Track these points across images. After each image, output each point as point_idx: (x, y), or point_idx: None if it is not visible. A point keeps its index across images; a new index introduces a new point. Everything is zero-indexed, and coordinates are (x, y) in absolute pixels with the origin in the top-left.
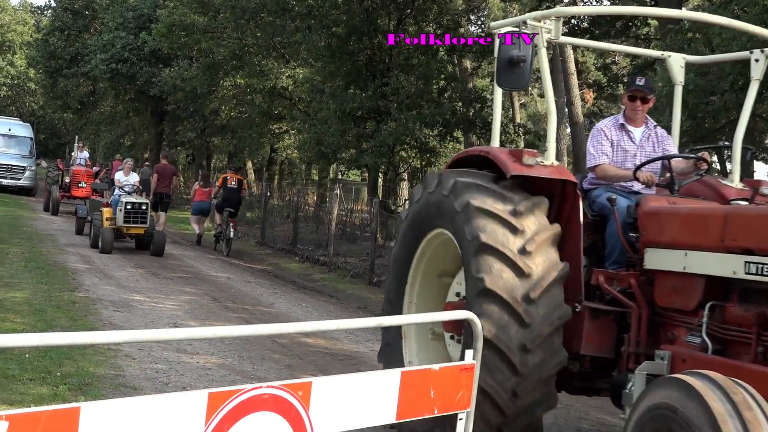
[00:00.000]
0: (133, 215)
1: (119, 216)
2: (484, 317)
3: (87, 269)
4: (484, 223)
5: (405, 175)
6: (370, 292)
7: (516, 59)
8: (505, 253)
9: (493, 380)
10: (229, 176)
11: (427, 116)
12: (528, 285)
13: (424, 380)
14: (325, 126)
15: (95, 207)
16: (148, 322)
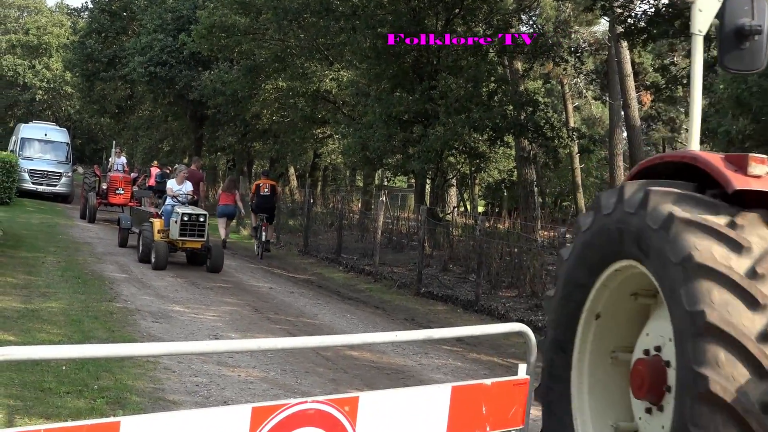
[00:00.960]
0: (190, 228)
1: (174, 228)
2: (706, 365)
3: (125, 279)
4: (695, 239)
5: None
6: (418, 303)
7: (748, 30)
8: (730, 276)
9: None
10: (261, 183)
11: (476, 120)
12: (765, 320)
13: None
14: (371, 130)
15: (141, 217)
16: (188, 333)
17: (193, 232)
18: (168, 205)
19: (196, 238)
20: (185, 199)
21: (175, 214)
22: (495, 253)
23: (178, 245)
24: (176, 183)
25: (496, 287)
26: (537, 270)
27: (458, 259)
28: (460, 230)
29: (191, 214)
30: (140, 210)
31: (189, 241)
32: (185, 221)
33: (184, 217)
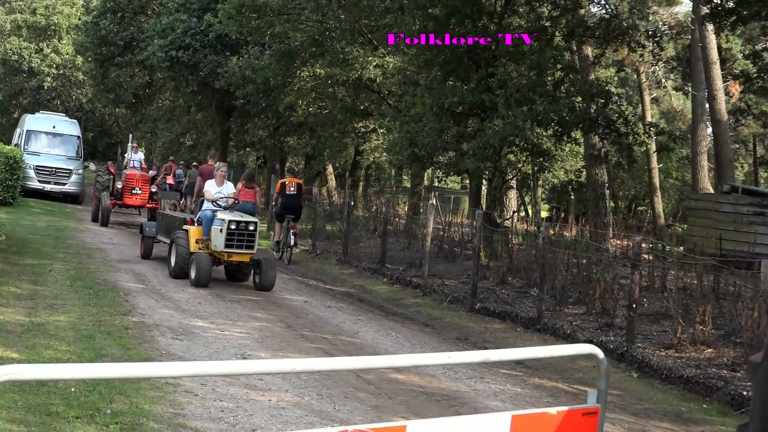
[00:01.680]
0: (238, 238)
1: (218, 238)
2: None
3: (141, 290)
4: None
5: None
6: (472, 320)
7: None
8: None
9: None
10: (288, 181)
11: (540, 113)
12: None
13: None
14: (420, 124)
15: (170, 224)
16: (212, 352)
17: (242, 243)
18: (207, 210)
19: (244, 250)
20: (227, 203)
21: (219, 221)
22: (560, 265)
23: (223, 258)
24: (215, 184)
25: (562, 303)
26: (608, 284)
27: (518, 271)
28: (521, 238)
29: (240, 221)
30: (168, 215)
31: (236, 254)
32: (232, 230)
33: (231, 225)
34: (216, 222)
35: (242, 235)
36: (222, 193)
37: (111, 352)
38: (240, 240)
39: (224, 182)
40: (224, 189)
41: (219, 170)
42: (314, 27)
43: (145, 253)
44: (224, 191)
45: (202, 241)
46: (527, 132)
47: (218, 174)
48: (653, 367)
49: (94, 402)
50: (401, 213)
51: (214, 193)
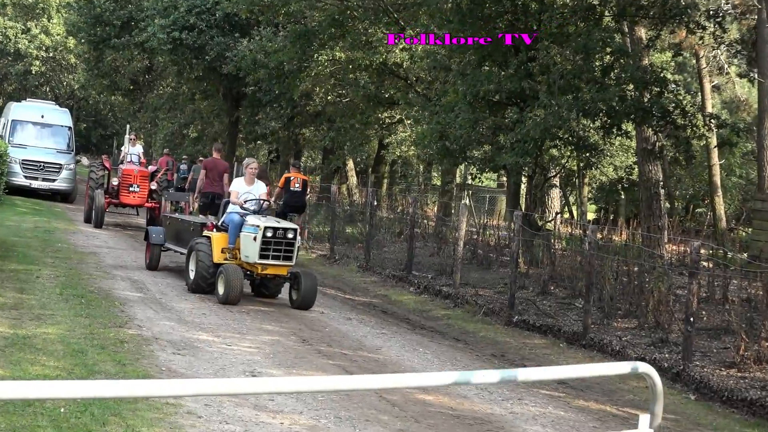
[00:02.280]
0: (275, 247)
1: (250, 247)
2: None
3: (139, 299)
4: None
5: (556, 181)
6: (509, 334)
7: None
8: None
9: None
10: (293, 176)
11: (586, 102)
12: None
13: None
14: (452, 114)
15: (182, 229)
16: (218, 369)
17: (279, 254)
18: (232, 213)
19: (282, 261)
20: (258, 206)
21: (252, 228)
22: (609, 273)
23: (256, 271)
24: (244, 183)
25: (610, 316)
26: (663, 295)
27: (561, 280)
28: (565, 243)
29: (277, 228)
30: (178, 219)
31: (272, 266)
32: (268, 238)
33: (267, 232)
34: (247, 228)
35: (280, 244)
36: (252, 193)
37: (105, 369)
38: (277, 250)
39: (254, 181)
40: (254, 189)
41: (248, 167)
42: (334, 5)
43: (152, 264)
44: (255, 191)
45: (228, 250)
46: (572, 123)
47: (247, 171)
48: (713, 388)
49: (86, 424)
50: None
51: (242, 193)
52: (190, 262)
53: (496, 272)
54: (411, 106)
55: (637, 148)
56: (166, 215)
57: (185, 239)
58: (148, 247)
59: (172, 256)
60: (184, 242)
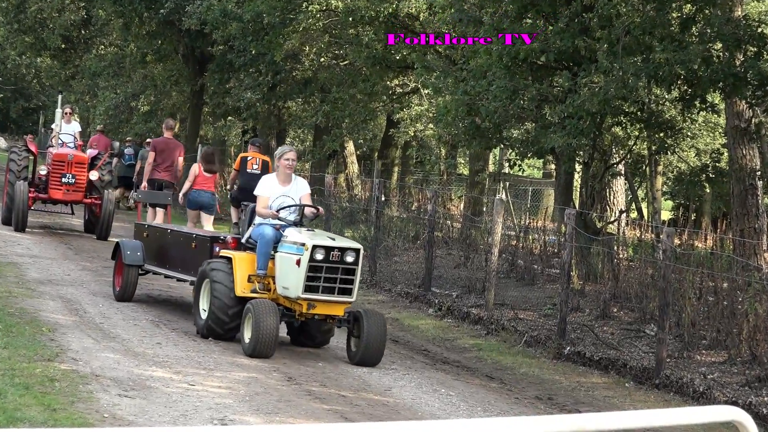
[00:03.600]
0: (327, 275)
1: (291, 275)
2: None
3: (74, 324)
4: None
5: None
6: (558, 371)
7: None
8: None
9: None
10: (250, 156)
11: (660, 66)
12: None
13: None
14: (483, 82)
15: (174, 243)
16: (178, 415)
17: (332, 285)
18: (263, 224)
19: (337, 296)
20: (296, 214)
21: (293, 247)
22: (690, 290)
23: (300, 309)
24: (277, 182)
25: (692, 347)
26: (761, 320)
27: (627, 300)
28: (631, 251)
29: (331, 247)
30: (169, 230)
31: (323, 303)
32: (318, 261)
33: (316, 254)
34: (286, 247)
35: (334, 271)
36: (290, 197)
37: (29, 415)
38: (331, 279)
39: (291, 179)
40: (292, 190)
41: (282, 158)
42: None
43: (125, 293)
44: (293, 194)
45: (257, 278)
46: (641, 93)
47: (282, 165)
48: None
49: None
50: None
51: (276, 197)
52: (201, 296)
53: (542, 289)
54: (429, 71)
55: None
56: (144, 223)
57: (178, 258)
58: (119, 269)
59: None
60: (176, 262)
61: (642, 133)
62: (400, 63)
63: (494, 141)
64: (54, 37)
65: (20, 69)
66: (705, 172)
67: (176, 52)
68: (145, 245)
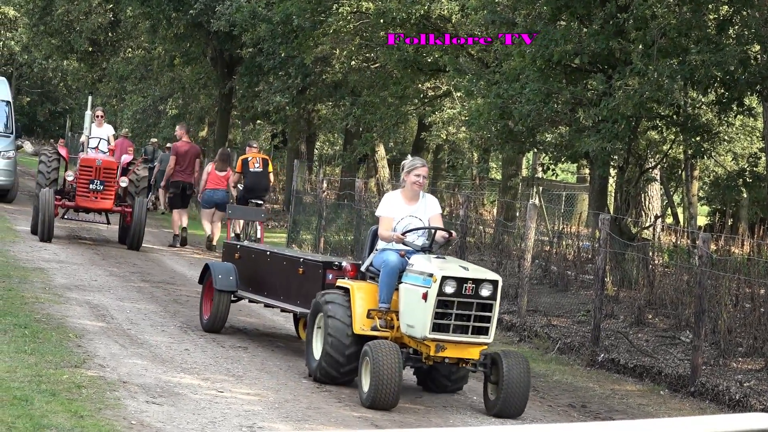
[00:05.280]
0: (459, 311)
1: (418, 312)
2: None
3: (102, 330)
4: None
5: (656, 174)
6: (592, 378)
7: None
8: None
9: None
10: (251, 157)
11: (696, 68)
12: None
13: None
14: (516, 85)
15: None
16: (206, 423)
17: (465, 324)
18: (386, 250)
19: (470, 336)
20: (427, 240)
21: (418, 278)
22: (726, 297)
23: (427, 352)
24: (402, 200)
25: (728, 354)
26: None
27: (663, 306)
28: (667, 257)
29: (464, 279)
30: (268, 252)
31: (454, 344)
32: (448, 295)
33: (446, 286)
34: (411, 278)
35: (468, 307)
36: (418, 218)
37: (56, 422)
38: (463, 317)
39: (419, 197)
40: (420, 210)
41: (412, 173)
42: None
43: (214, 322)
44: (421, 215)
45: (379, 314)
46: (677, 96)
47: (409, 181)
48: None
49: None
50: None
51: (401, 219)
52: (315, 334)
53: (576, 296)
54: (462, 74)
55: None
56: (236, 243)
57: (280, 285)
58: (208, 295)
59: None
60: (277, 290)
61: (678, 136)
62: (431, 66)
63: (527, 145)
64: (81, 40)
65: (46, 72)
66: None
67: (204, 54)
68: (238, 268)
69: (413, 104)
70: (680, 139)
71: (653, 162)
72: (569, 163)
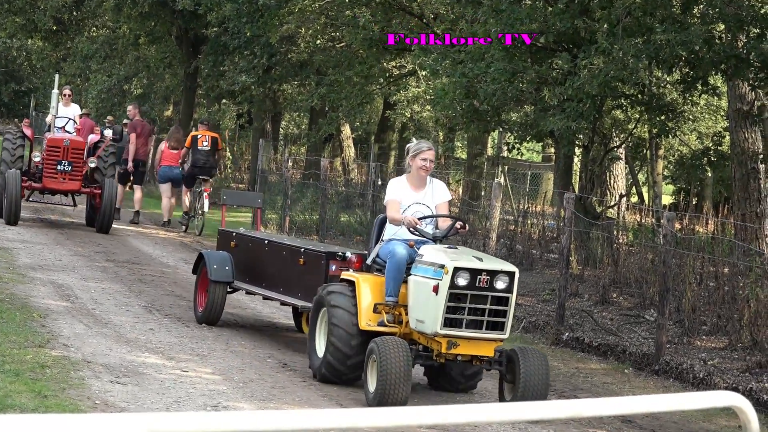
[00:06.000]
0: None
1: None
2: None
3: (66, 309)
4: None
5: (621, 153)
6: (557, 356)
7: None
8: None
9: None
10: (200, 134)
11: (661, 47)
12: None
13: None
14: (482, 64)
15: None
16: (171, 402)
17: (479, 319)
18: (393, 241)
19: (485, 332)
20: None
21: (429, 270)
22: (690, 275)
23: (438, 349)
24: (408, 186)
25: (692, 333)
26: (763, 305)
27: (627, 285)
28: (631, 235)
29: (478, 270)
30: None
31: (467, 340)
32: (460, 288)
33: (458, 278)
34: (421, 269)
35: (482, 300)
36: (426, 205)
37: (20, 402)
38: (477, 311)
39: (426, 182)
40: (427, 197)
41: (418, 157)
42: None
43: (210, 314)
44: (428, 202)
45: (386, 308)
46: (642, 75)
47: (414, 165)
48: None
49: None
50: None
51: (408, 205)
52: (318, 329)
53: (540, 275)
54: (427, 53)
55: (729, 110)
56: (231, 231)
57: (279, 276)
58: (203, 285)
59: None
60: (276, 281)
61: (642, 116)
62: (397, 45)
63: (492, 124)
64: (45, 19)
65: (11, 51)
66: (706, 156)
67: (169, 34)
68: (234, 258)
69: (378, 83)
70: (645, 118)
71: (618, 141)
72: (534, 142)
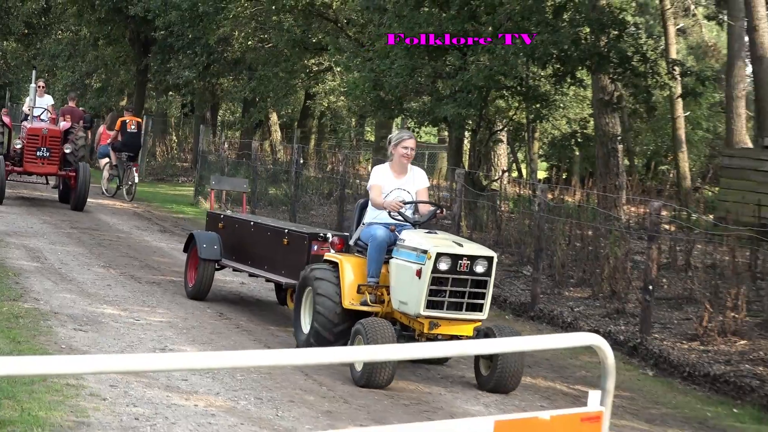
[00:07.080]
0: (453, 288)
1: (412, 289)
2: None
3: (36, 269)
4: None
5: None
6: None
7: None
8: None
9: None
10: (128, 119)
11: (536, 46)
12: None
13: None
14: (386, 61)
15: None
16: (125, 346)
17: (459, 301)
18: (374, 225)
19: (465, 313)
20: (417, 214)
21: (411, 254)
22: (560, 237)
23: (420, 329)
24: (390, 173)
25: (561, 285)
26: (619, 261)
27: (508, 245)
28: (512, 204)
29: (458, 255)
30: (251, 222)
31: (448, 321)
32: (442, 272)
33: (440, 263)
34: (403, 253)
35: (462, 284)
36: (407, 191)
37: None
38: (457, 294)
39: (408, 170)
40: (408, 183)
41: (399, 145)
42: None
43: (199, 290)
44: (409, 188)
45: (369, 288)
46: (520, 70)
47: (397, 154)
48: (673, 362)
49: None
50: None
51: (390, 190)
52: (303, 307)
53: None
54: (341, 52)
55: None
56: (220, 213)
57: (264, 255)
58: (193, 263)
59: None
60: (261, 260)
61: (521, 104)
62: (316, 45)
63: (396, 111)
64: (17, 23)
65: None
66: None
67: (124, 36)
68: (222, 238)
69: (300, 78)
70: (523, 107)
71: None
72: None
